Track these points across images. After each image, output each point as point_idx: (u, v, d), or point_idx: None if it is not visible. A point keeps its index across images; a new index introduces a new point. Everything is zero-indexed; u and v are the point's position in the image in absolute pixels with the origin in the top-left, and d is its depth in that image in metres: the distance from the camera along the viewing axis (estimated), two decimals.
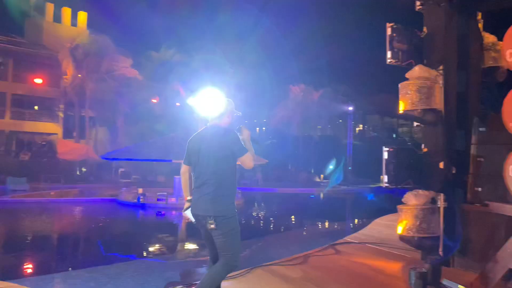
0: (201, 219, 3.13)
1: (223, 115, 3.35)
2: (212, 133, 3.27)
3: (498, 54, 5.40)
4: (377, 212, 10.56)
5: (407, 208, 4.63)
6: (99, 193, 17.40)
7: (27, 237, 10.08)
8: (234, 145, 3.16)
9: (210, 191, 3.09)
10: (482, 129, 4.72)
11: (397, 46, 4.94)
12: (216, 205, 3.07)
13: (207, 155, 3.16)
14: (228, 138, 3.18)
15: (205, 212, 3.08)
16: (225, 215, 3.08)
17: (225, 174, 3.16)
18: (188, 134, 14.26)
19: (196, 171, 3.23)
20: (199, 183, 3.17)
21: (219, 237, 3.06)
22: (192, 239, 10.72)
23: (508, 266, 3.60)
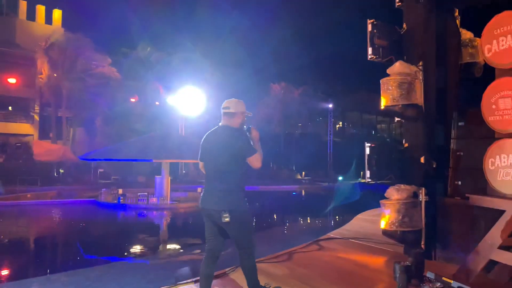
0: (212, 214, 3.28)
1: (234, 115, 3.44)
2: (222, 133, 3.41)
3: (475, 50, 5.50)
4: (357, 207, 10.69)
5: (390, 203, 4.66)
6: (77, 195, 17.04)
7: (2, 241, 9.78)
8: (244, 145, 3.31)
9: (222, 187, 3.26)
10: (461, 124, 4.81)
11: (378, 42, 4.97)
12: (229, 199, 3.23)
13: (217, 154, 3.32)
14: (238, 138, 3.32)
15: (218, 206, 3.22)
16: (238, 208, 3.25)
17: (235, 172, 3.30)
18: (168, 133, 14.16)
19: (207, 168, 3.42)
20: (210, 179, 3.37)
21: (234, 229, 3.25)
22: (174, 239, 10.64)
23: (488, 257, 3.68)
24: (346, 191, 20.26)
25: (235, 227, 3.25)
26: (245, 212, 3.33)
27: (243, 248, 3.34)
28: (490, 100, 3.71)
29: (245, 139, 3.35)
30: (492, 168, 3.71)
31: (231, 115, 3.44)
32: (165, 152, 13.56)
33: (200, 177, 27.16)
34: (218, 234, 3.38)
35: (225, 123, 3.46)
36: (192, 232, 11.26)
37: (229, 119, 3.44)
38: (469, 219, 4.53)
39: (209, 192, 3.36)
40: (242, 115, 3.48)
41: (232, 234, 3.31)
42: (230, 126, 3.42)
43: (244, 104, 3.56)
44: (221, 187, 3.27)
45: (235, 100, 3.55)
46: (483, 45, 3.76)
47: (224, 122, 3.46)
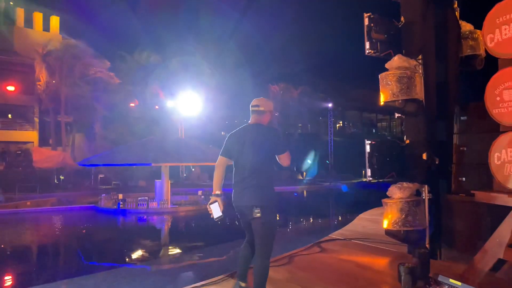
0: (244, 210, 3.34)
1: (264, 113, 3.51)
2: (256, 130, 3.45)
3: (476, 43, 5.36)
4: (360, 206, 10.52)
5: (392, 202, 4.51)
6: (77, 201, 16.89)
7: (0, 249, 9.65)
8: (277, 142, 3.42)
9: (254, 183, 3.30)
10: (464, 118, 4.65)
11: (375, 36, 4.82)
12: (261, 195, 3.29)
13: (252, 150, 3.35)
14: (272, 135, 3.42)
15: (250, 202, 3.27)
16: (269, 204, 3.31)
17: (267, 168, 3.40)
18: (167, 136, 13.99)
19: (239, 164, 3.43)
20: (242, 176, 3.38)
21: (259, 225, 3.26)
22: (175, 243, 10.49)
23: (497, 256, 3.52)
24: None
25: (262, 223, 3.26)
26: (274, 210, 3.39)
27: (263, 246, 3.30)
28: (494, 92, 3.55)
29: (278, 137, 3.44)
30: (498, 162, 3.55)
31: (261, 112, 3.50)
32: (164, 156, 13.41)
33: (201, 180, 27.05)
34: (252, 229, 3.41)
35: (255, 121, 3.51)
36: (192, 236, 11.12)
37: (259, 117, 3.50)
38: (475, 217, 4.37)
39: (241, 189, 3.38)
40: (271, 114, 3.56)
41: (257, 230, 3.30)
42: (261, 124, 3.48)
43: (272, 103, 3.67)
44: (253, 183, 3.31)
45: (264, 99, 3.62)
46: (485, 35, 3.61)
47: (254, 120, 3.51)
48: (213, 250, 9.03)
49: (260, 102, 3.55)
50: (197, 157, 14.45)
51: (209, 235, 10.82)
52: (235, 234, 10.66)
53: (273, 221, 3.37)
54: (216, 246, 9.42)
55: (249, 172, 3.34)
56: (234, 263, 7.54)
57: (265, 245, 3.31)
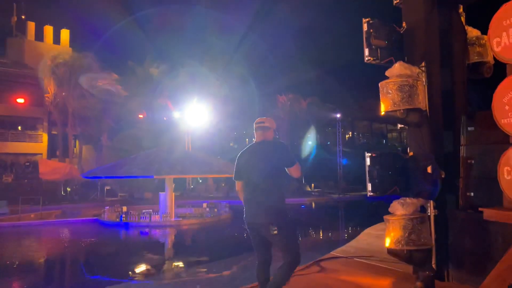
0: (259, 227, 3.37)
1: (268, 129, 3.61)
2: (263, 146, 3.55)
3: (483, 49, 5.08)
4: (368, 220, 10.15)
5: (394, 219, 4.21)
6: (82, 213, 16.74)
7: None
8: (285, 155, 3.49)
9: (266, 200, 3.35)
10: (471, 129, 4.34)
11: (375, 42, 4.57)
12: (275, 212, 3.33)
13: (260, 168, 3.42)
14: (279, 149, 3.51)
15: (266, 219, 3.31)
16: (284, 219, 3.35)
17: (278, 182, 3.46)
18: (173, 148, 13.73)
19: (250, 182, 3.49)
20: (254, 193, 3.44)
21: (282, 240, 3.30)
22: (176, 258, 10.23)
23: (508, 281, 3.19)
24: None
25: (281, 237, 3.29)
26: (291, 222, 3.44)
27: (290, 255, 3.34)
28: (502, 101, 3.25)
29: (285, 150, 3.52)
30: (509, 178, 3.24)
31: (266, 129, 3.60)
32: (167, 168, 13.21)
33: (207, 192, 26.80)
34: (267, 246, 3.46)
35: (261, 138, 3.60)
36: (194, 251, 10.85)
37: (264, 133, 3.59)
38: (484, 235, 4.03)
39: (254, 206, 3.41)
40: (274, 131, 3.68)
41: (278, 245, 3.36)
42: (266, 140, 3.58)
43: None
44: (266, 200, 3.35)
45: (268, 118, 3.73)
46: (491, 38, 3.33)
47: (260, 137, 3.60)
48: (215, 265, 8.75)
49: (265, 119, 3.66)
50: (202, 169, 14.23)
51: (212, 250, 10.54)
52: (238, 248, 10.39)
53: (293, 231, 3.48)
54: (218, 261, 9.14)
55: (260, 188, 3.40)
56: (238, 280, 7.28)
57: (295, 252, 3.37)
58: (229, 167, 16.34)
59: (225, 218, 15.22)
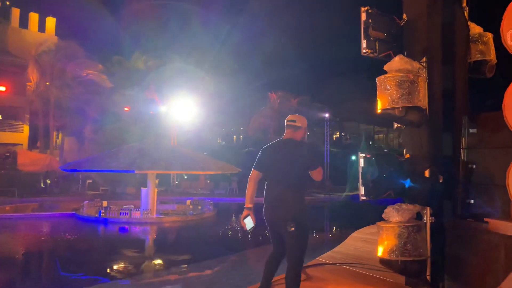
0: (279, 223, 3.39)
1: (299, 129, 3.61)
2: (290, 145, 3.56)
3: (486, 47, 4.78)
4: (355, 222, 9.86)
5: (389, 226, 3.88)
6: (60, 207, 16.10)
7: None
8: (312, 158, 3.51)
9: (287, 197, 3.39)
10: (473, 131, 4.01)
11: (374, 34, 4.22)
12: (294, 209, 3.37)
13: (285, 165, 3.45)
14: (306, 150, 3.50)
15: (285, 216, 3.34)
16: (303, 218, 3.40)
17: (300, 182, 3.48)
18: (157, 143, 13.18)
19: (272, 178, 3.52)
20: (276, 190, 3.47)
21: (293, 238, 3.33)
22: (155, 257, 9.79)
23: None
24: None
25: (296, 236, 3.33)
26: (307, 223, 3.47)
27: (297, 258, 3.39)
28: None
29: (313, 152, 3.58)
30: None
31: (296, 128, 3.60)
32: (150, 163, 12.73)
33: (192, 188, 26.29)
34: (283, 242, 3.46)
35: (289, 136, 3.61)
36: (174, 249, 10.41)
37: (294, 132, 3.60)
38: (484, 246, 3.71)
39: (274, 202, 3.47)
40: (305, 130, 3.67)
41: (291, 243, 3.37)
42: (294, 139, 3.58)
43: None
44: (286, 198, 3.39)
45: (300, 116, 3.71)
46: (504, 30, 3.00)
47: (288, 135, 3.62)
48: (194, 266, 8.35)
49: (296, 118, 3.65)
50: (186, 165, 13.78)
51: (192, 250, 10.14)
52: (216, 249, 10.01)
53: (306, 234, 3.45)
54: (199, 262, 8.74)
55: (283, 186, 3.43)
56: (216, 284, 6.92)
57: (299, 257, 3.40)
58: (215, 164, 15.93)
59: (208, 217, 14.80)
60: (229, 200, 21.99)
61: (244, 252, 9.69)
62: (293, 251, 3.38)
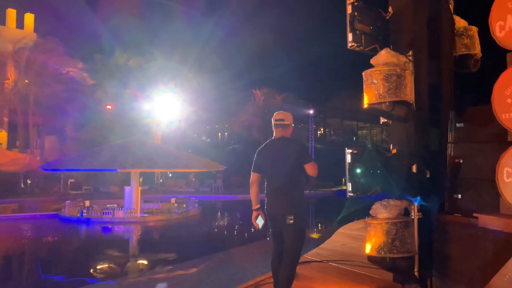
0: (279, 218, 3.54)
1: (288, 126, 3.75)
2: (283, 143, 3.69)
3: (471, 41, 4.74)
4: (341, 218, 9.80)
5: (376, 223, 3.80)
6: (41, 208, 15.72)
7: None
8: (303, 153, 3.65)
9: (285, 193, 3.57)
10: (460, 125, 3.98)
11: (360, 27, 4.14)
12: (292, 204, 3.54)
13: (280, 163, 3.60)
14: (297, 146, 3.66)
15: (283, 210, 3.52)
16: (301, 212, 3.56)
17: (296, 177, 3.60)
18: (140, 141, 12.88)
19: (270, 177, 3.68)
20: (274, 187, 3.63)
21: (291, 232, 3.50)
22: (139, 257, 9.61)
23: None
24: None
25: (294, 229, 3.48)
26: (305, 218, 3.70)
27: (292, 253, 3.52)
28: (504, 93, 2.89)
29: (303, 147, 3.71)
30: (508, 180, 2.88)
31: (286, 126, 3.73)
32: (133, 161, 12.48)
33: (177, 186, 26.03)
34: (283, 239, 3.59)
35: (280, 134, 3.72)
36: (159, 248, 10.25)
37: (284, 130, 3.72)
38: (472, 242, 3.69)
39: (273, 198, 3.61)
40: (292, 126, 3.81)
41: (289, 236, 3.52)
42: (286, 136, 3.71)
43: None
44: (284, 193, 3.56)
45: (286, 112, 3.82)
46: (493, 22, 2.95)
47: (279, 133, 3.72)
48: (180, 266, 8.22)
49: (284, 116, 3.76)
50: (170, 163, 13.57)
51: (177, 249, 9.98)
52: (200, 247, 9.86)
53: (304, 229, 3.61)
54: (183, 261, 8.61)
55: (280, 183, 3.59)
56: (202, 283, 6.79)
57: (294, 252, 3.53)
58: (199, 161, 15.75)
59: (194, 215, 14.63)
60: (214, 197, 21.84)
61: (230, 251, 9.57)
62: (291, 244, 3.51)
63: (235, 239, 11.32)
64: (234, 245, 10.49)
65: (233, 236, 11.75)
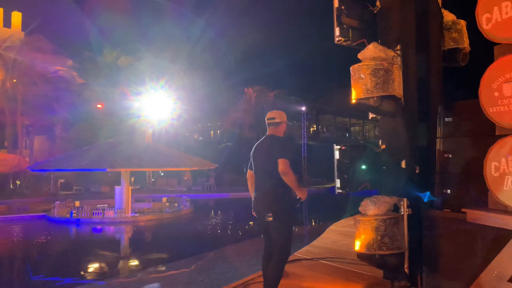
0: (261, 214, 3.60)
1: (279, 124, 3.76)
2: (267, 140, 3.72)
3: (459, 35, 4.71)
4: (332, 215, 9.81)
5: (366, 219, 3.76)
6: (30, 209, 15.51)
7: None
8: (276, 149, 3.53)
9: (266, 190, 3.56)
10: (449, 119, 3.93)
11: (347, 22, 4.07)
12: (271, 201, 3.51)
13: (262, 161, 3.65)
14: (275, 142, 3.62)
15: (263, 207, 3.57)
16: (279, 209, 3.49)
17: (275, 175, 3.44)
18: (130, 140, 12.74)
19: (256, 174, 3.76)
20: (258, 184, 3.70)
21: (273, 228, 3.49)
22: (130, 256, 9.50)
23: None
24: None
25: (275, 227, 3.46)
26: (286, 215, 3.53)
27: (277, 251, 3.47)
28: (491, 86, 2.84)
29: (279, 144, 3.59)
30: (496, 174, 2.84)
31: (277, 124, 3.75)
32: (122, 161, 12.34)
33: (169, 185, 25.88)
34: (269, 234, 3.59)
35: (271, 132, 3.75)
36: (150, 248, 10.15)
37: (275, 128, 3.75)
38: (462, 237, 3.64)
39: (258, 196, 3.67)
40: (286, 123, 3.80)
41: (272, 234, 3.52)
42: (276, 135, 3.72)
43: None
44: (265, 190, 3.56)
45: (278, 111, 3.85)
46: (479, 14, 2.90)
47: (270, 131, 3.76)
48: (171, 265, 8.12)
49: (275, 115, 3.80)
50: (160, 162, 13.45)
51: (169, 248, 9.91)
52: (197, 247, 9.78)
53: (284, 226, 3.49)
54: (176, 261, 8.52)
55: (262, 179, 3.63)
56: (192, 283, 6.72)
57: (279, 250, 3.47)
58: (190, 159, 15.63)
59: (185, 214, 14.53)
60: (206, 196, 21.74)
61: (222, 249, 9.51)
62: (275, 242, 3.49)
63: (227, 237, 11.25)
64: (226, 243, 10.43)
65: (225, 235, 11.67)
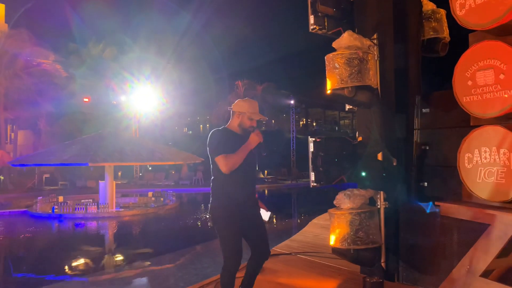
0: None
1: (232, 115, 3.08)
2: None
3: (439, 24, 4.61)
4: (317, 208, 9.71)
5: (340, 213, 3.66)
6: (12, 205, 15.21)
7: None
8: (208, 146, 2.96)
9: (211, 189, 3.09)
10: (426, 111, 3.84)
11: (322, 9, 3.96)
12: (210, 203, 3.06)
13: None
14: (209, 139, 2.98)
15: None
16: (213, 211, 3.04)
17: (214, 174, 3.02)
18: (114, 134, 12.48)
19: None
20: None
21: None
22: (112, 252, 9.34)
23: (467, 287, 2.71)
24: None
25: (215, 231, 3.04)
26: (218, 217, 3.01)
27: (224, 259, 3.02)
28: (464, 75, 2.73)
29: (211, 139, 2.94)
30: (469, 166, 2.74)
31: (231, 114, 3.10)
32: (105, 155, 12.10)
33: (156, 179, 25.65)
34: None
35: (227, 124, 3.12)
36: (132, 244, 9.99)
37: (230, 119, 3.10)
38: (438, 231, 3.57)
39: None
40: (242, 116, 3.02)
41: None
42: (226, 127, 3.08)
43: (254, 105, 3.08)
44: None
45: (242, 99, 3.14)
46: (453, 0, 2.78)
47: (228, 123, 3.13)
48: (155, 261, 7.99)
49: (234, 103, 3.12)
50: (143, 156, 13.23)
51: (151, 243, 9.75)
52: (181, 242, 9.64)
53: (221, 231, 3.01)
54: (156, 256, 8.39)
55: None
56: (175, 276, 6.60)
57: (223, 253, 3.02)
58: (177, 154, 15.42)
59: (171, 208, 14.37)
60: (194, 190, 21.57)
61: (206, 244, 9.38)
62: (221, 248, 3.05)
63: (212, 232, 11.11)
64: (211, 238, 10.28)
65: (210, 229, 11.54)
